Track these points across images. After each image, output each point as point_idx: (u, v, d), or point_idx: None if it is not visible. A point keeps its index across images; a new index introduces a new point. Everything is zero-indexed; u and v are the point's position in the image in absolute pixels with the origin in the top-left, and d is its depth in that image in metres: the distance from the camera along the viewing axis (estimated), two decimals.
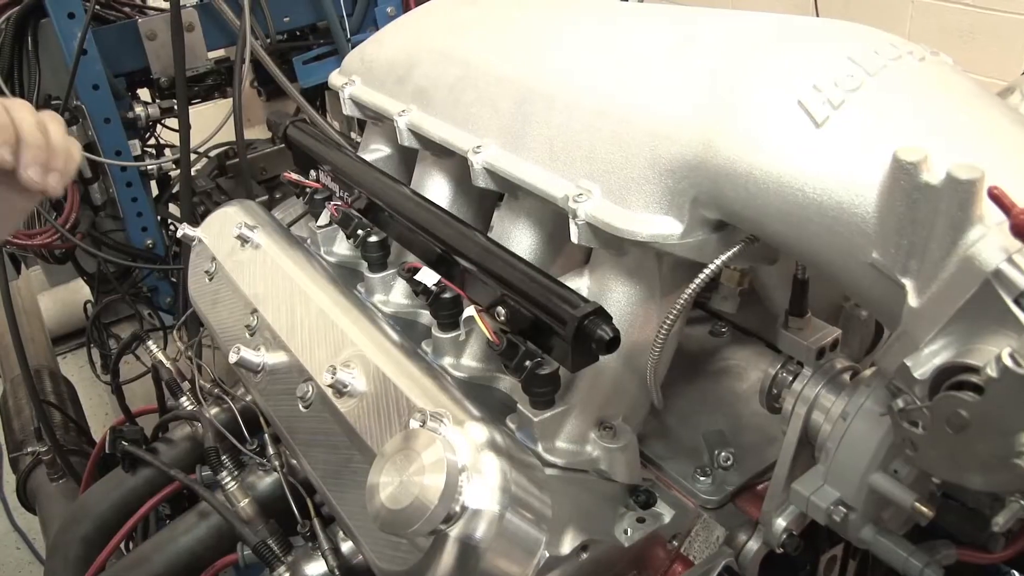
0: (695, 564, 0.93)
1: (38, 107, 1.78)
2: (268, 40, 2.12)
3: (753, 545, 0.94)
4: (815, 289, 0.92)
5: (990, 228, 0.61)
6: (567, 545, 0.84)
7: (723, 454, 0.98)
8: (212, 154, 2.35)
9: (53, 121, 0.83)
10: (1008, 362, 0.57)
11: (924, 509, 0.76)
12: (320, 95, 2.48)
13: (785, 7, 4.19)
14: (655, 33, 0.89)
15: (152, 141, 2.26)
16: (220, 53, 2.23)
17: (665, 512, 0.93)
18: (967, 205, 0.61)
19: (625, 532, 0.91)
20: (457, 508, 0.75)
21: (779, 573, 0.99)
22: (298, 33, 2.36)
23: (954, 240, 0.62)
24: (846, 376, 0.89)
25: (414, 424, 0.81)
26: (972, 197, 0.60)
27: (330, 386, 0.93)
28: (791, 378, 0.92)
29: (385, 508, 0.75)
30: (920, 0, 3.72)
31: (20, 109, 0.81)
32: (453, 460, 0.76)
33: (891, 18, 3.81)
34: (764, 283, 1.02)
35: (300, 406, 1.00)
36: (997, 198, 0.59)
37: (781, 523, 0.91)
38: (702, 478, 0.97)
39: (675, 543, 0.95)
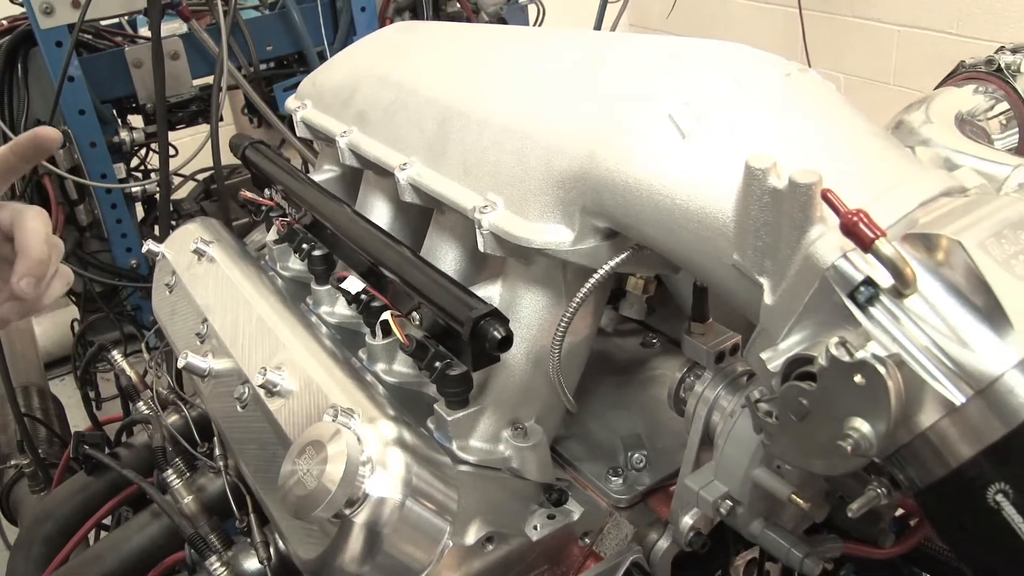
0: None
1: (25, 130, 1.86)
2: (252, 68, 2.21)
3: (663, 544, 0.98)
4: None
5: (829, 228, 0.66)
6: (472, 536, 0.89)
7: (636, 456, 1.02)
8: (200, 178, 2.43)
9: (56, 247, 0.83)
10: (834, 351, 0.62)
11: (800, 501, 0.80)
12: None
13: (774, 36, 4.27)
14: (563, 57, 0.95)
15: (142, 166, 2.35)
16: (208, 80, 2.31)
17: (575, 509, 0.97)
18: (807, 207, 0.66)
19: (535, 527, 0.95)
20: (359, 495, 0.81)
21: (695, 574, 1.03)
22: (285, 62, 2.45)
23: (798, 240, 0.67)
24: (744, 378, 0.94)
25: (327, 419, 0.87)
26: (811, 200, 0.65)
27: (261, 386, 0.98)
28: (695, 381, 0.96)
29: (293, 493, 0.81)
30: (906, 29, 3.79)
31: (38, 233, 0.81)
32: (354, 450, 0.81)
33: (878, 47, 3.88)
34: (679, 292, 1.06)
35: (237, 406, 1.06)
36: (829, 201, 0.64)
37: (688, 521, 0.95)
38: (614, 478, 1.01)
39: (587, 540, 0.99)
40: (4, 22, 2.05)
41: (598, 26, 2.40)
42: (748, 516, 0.86)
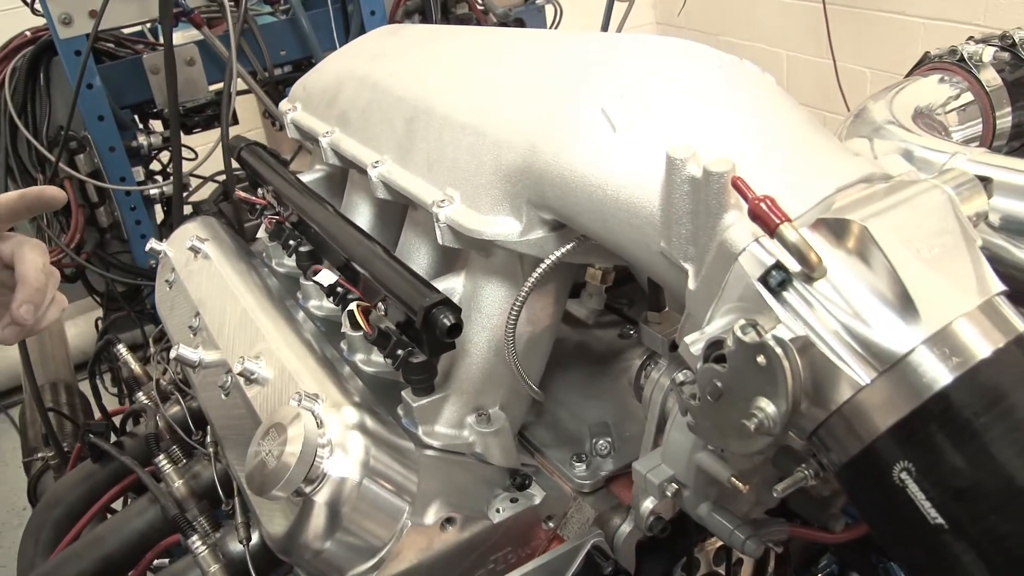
0: None
1: (48, 137, 1.95)
2: (266, 73, 2.27)
3: (625, 528, 1.00)
4: None
5: (744, 215, 0.68)
6: (431, 516, 0.93)
7: (600, 442, 1.05)
8: (220, 179, 2.50)
9: (52, 276, 0.92)
10: (739, 333, 0.65)
11: (739, 484, 0.82)
12: None
13: (798, 32, 4.24)
14: (518, 55, 0.99)
15: (165, 169, 2.43)
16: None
17: (538, 494, 1.00)
18: (721, 194, 0.68)
19: (497, 510, 0.98)
20: (318, 474, 0.85)
21: (661, 561, 1.05)
22: (302, 66, 2.51)
23: (714, 226, 0.70)
24: None
25: (292, 403, 0.91)
26: (724, 187, 0.68)
27: (240, 374, 1.03)
28: (653, 369, 0.99)
29: (256, 472, 0.85)
30: (931, 22, 3.75)
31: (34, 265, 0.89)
32: (312, 432, 0.85)
33: (903, 41, 3.83)
34: (645, 283, 1.09)
35: (221, 394, 1.11)
36: (739, 188, 0.67)
37: (648, 506, 0.97)
38: (578, 464, 1.04)
39: (551, 524, 1.02)
40: (28, 33, 2.15)
41: (605, 26, 2.42)
42: (694, 499, 0.88)
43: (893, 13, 3.85)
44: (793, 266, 0.66)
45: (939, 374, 0.62)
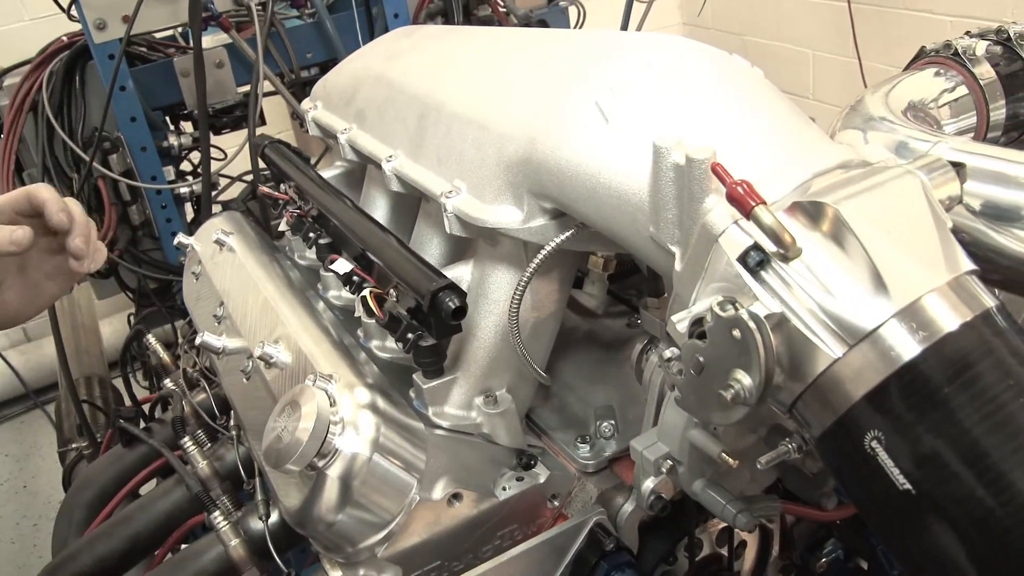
0: None
1: (83, 138, 2.02)
2: (293, 75, 2.34)
3: (628, 507, 1.04)
4: None
5: (723, 199, 0.72)
6: (439, 492, 0.97)
7: (605, 425, 1.09)
8: (247, 179, 2.58)
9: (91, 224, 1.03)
10: (717, 309, 0.69)
11: (729, 459, 0.85)
12: None
13: (824, 32, 4.24)
14: (522, 53, 1.03)
15: (196, 169, 2.51)
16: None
17: (542, 473, 1.04)
18: (703, 180, 0.72)
19: (503, 488, 1.03)
20: (330, 449, 0.90)
21: (663, 540, 1.09)
22: (329, 68, 2.58)
23: (696, 210, 0.74)
24: None
25: (308, 383, 0.96)
26: (705, 173, 0.72)
27: (260, 358, 1.09)
28: (652, 352, 1.03)
29: (271, 446, 0.91)
30: (959, 20, 3.73)
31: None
32: (324, 409, 0.90)
33: (930, 39, 3.82)
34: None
35: (243, 379, 1.17)
36: (718, 173, 0.71)
37: (649, 485, 1.01)
38: (582, 445, 1.08)
39: (556, 503, 1.06)
40: (64, 38, 2.24)
41: (624, 26, 2.46)
42: (689, 476, 0.92)
43: (919, 11, 3.84)
44: (770, 247, 0.70)
45: (907, 346, 0.65)
